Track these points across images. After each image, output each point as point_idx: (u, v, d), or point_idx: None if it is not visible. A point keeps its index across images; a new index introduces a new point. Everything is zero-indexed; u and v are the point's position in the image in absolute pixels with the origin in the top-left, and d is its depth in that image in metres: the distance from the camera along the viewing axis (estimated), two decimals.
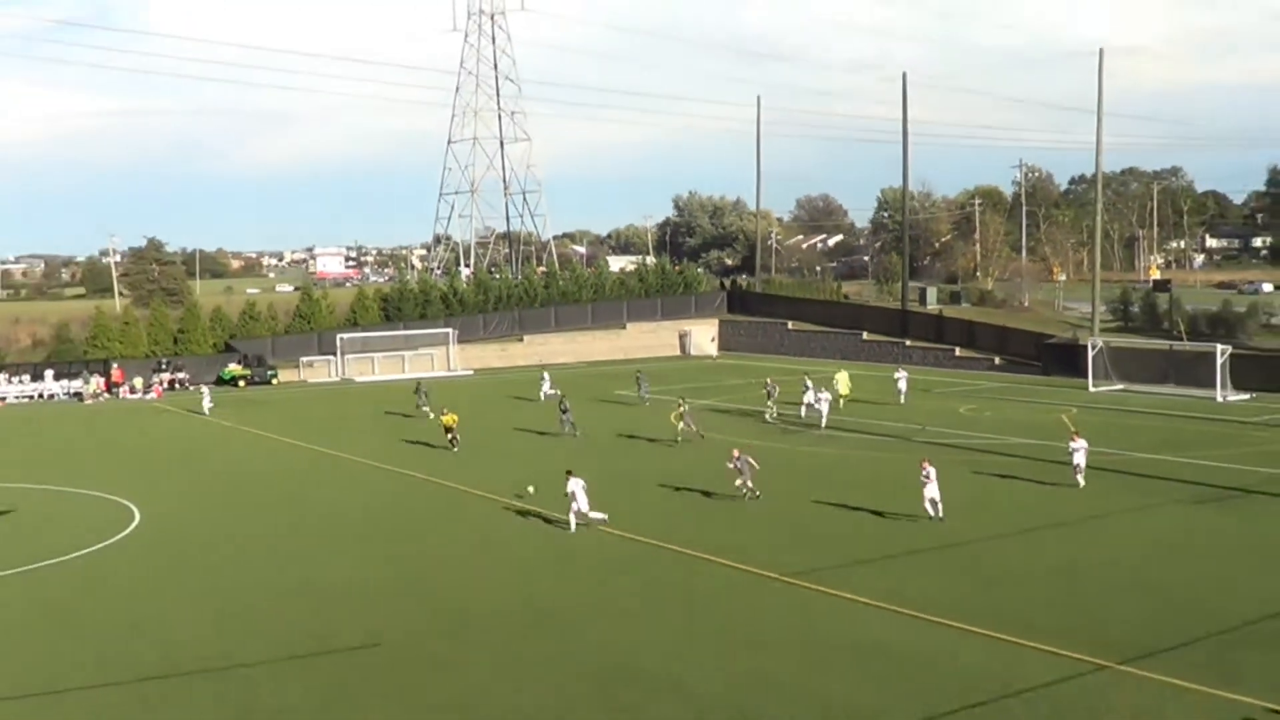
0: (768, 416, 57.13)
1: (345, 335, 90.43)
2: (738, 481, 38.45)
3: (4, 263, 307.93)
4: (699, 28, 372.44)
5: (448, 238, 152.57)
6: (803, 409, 57.19)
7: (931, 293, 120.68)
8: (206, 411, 65.87)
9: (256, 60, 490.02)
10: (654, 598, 28.35)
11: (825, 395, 56.46)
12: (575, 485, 35.16)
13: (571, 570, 31.14)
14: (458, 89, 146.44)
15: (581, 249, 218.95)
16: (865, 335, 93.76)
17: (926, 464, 35.25)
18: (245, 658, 24.42)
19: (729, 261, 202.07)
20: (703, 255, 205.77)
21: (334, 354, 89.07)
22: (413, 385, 68.40)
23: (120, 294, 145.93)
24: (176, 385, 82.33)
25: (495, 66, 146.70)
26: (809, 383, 58.69)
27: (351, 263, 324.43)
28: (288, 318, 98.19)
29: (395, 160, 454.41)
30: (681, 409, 52.02)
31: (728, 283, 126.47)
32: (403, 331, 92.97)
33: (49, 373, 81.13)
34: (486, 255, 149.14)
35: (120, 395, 79.06)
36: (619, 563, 31.82)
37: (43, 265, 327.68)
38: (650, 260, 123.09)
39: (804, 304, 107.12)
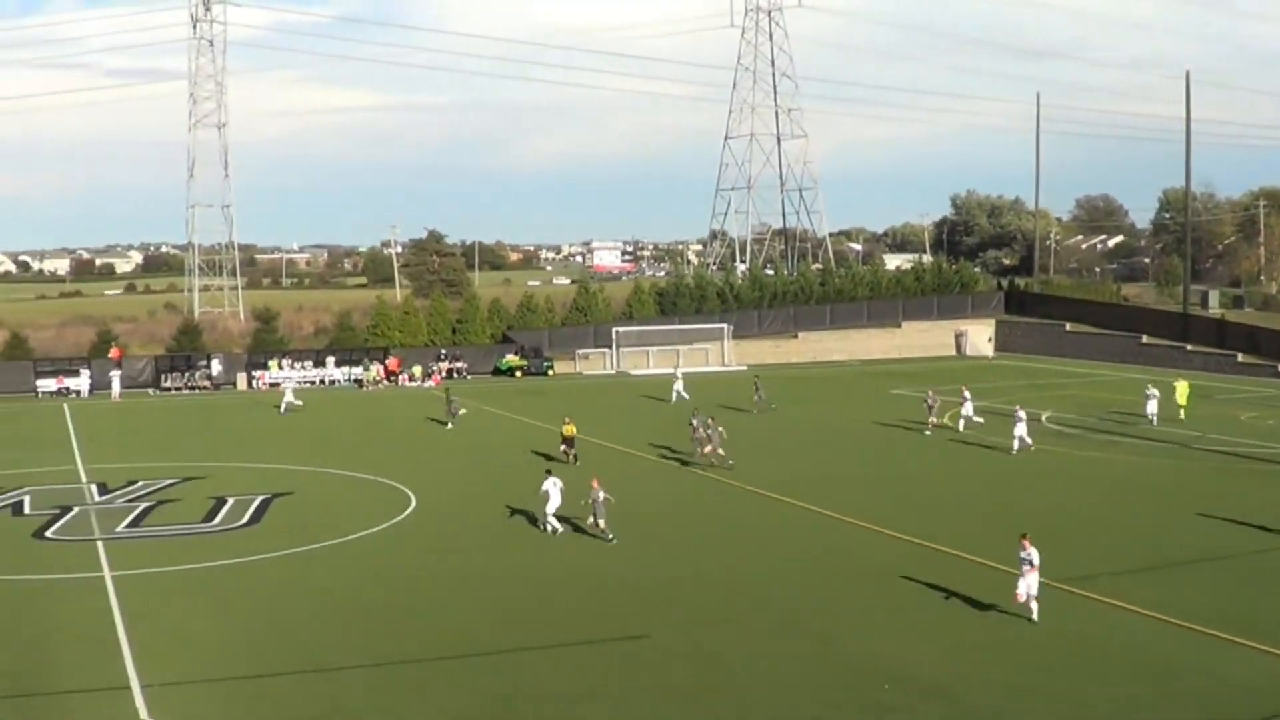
0: (927, 431, 55.09)
1: (620, 328, 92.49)
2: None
3: (289, 252, 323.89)
4: (977, 24, 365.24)
5: (724, 233, 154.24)
6: (1152, 416, 56.44)
7: (1214, 296, 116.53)
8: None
9: (533, 56, 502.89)
10: (915, 601, 28.03)
11: (1155, 395, 56.48)
12: (550, 485, 35.18)
13: (837, 570, 30.94)
14: (735, 85, 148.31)
15: (857, 246, 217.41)
16: (1145, 339, 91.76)
17: None
18: (514, 644, 25.02)
19: (1006, 261, 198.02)
20: (980, 254, 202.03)
21: (609, 347, 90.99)
22: (444, 390, 68.12)
23: (401, 284, 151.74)
24: (455, 374, 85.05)
25: (772, 63, 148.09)
26: (1151, 390, 57.98)
27: (628, 257, 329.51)
28: (564, 310, 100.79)
29: (672, 155, 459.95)
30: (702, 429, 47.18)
31: (1005, 282, 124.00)
32: (677, 326, 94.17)
33: (331, 359, 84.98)
34: (762, 251, 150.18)
35: (400, 383, 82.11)
36: (881, 564, 31.53)
37: (326, 255, 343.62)
38: (927, 258, 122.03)
39: (1082, 305, 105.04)
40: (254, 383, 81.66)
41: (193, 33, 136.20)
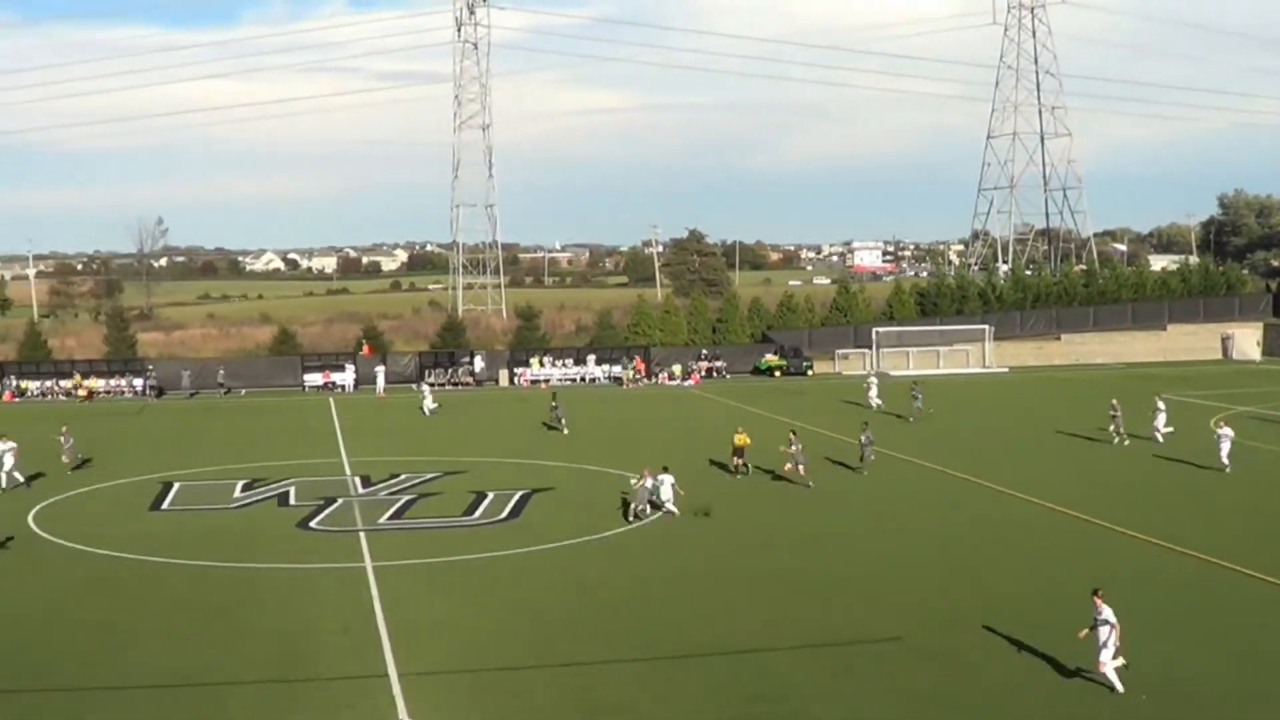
0: (1117, 440, 51.85)
1: (880, 329, 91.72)
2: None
3: (552, 251, 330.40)
4: (1245, 19, 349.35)
5: (986, 233, 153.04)
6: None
7: None
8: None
9: (793, 55, 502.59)
10: (1174, 608, 27.29)
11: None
12: (664, 480, 37.81)
13: (1094, 575, 29.73)
14: (997, 83, 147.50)
15: (1122, 247, 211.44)
16: None
17: None
18: (767, 644, 24.91)
19: (1276, 263, 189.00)
20: (1248, 256, 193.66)
21: (869, 347, 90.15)
22: (550, 394, 66.57)
23: (661, 283, 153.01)
24: (714, 373, 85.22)
25: (1035, 60, 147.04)
26: None
27: (889, 257, 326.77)
28: (824, 310, 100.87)
29: (933, 154, 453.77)
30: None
31: (1274, 285, 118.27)
32: (938, 327, 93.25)
33: (591, 357, 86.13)
34: (1025, 252, 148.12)
35: (658, 381, 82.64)
36: (1136, 570, 30.61)
37: (587, 254, 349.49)
38: (1193, 260, 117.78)
39: None
40: (515, 379, 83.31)
41: (457, 36, 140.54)
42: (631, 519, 36.95)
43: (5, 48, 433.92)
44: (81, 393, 77.98)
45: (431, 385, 76.30)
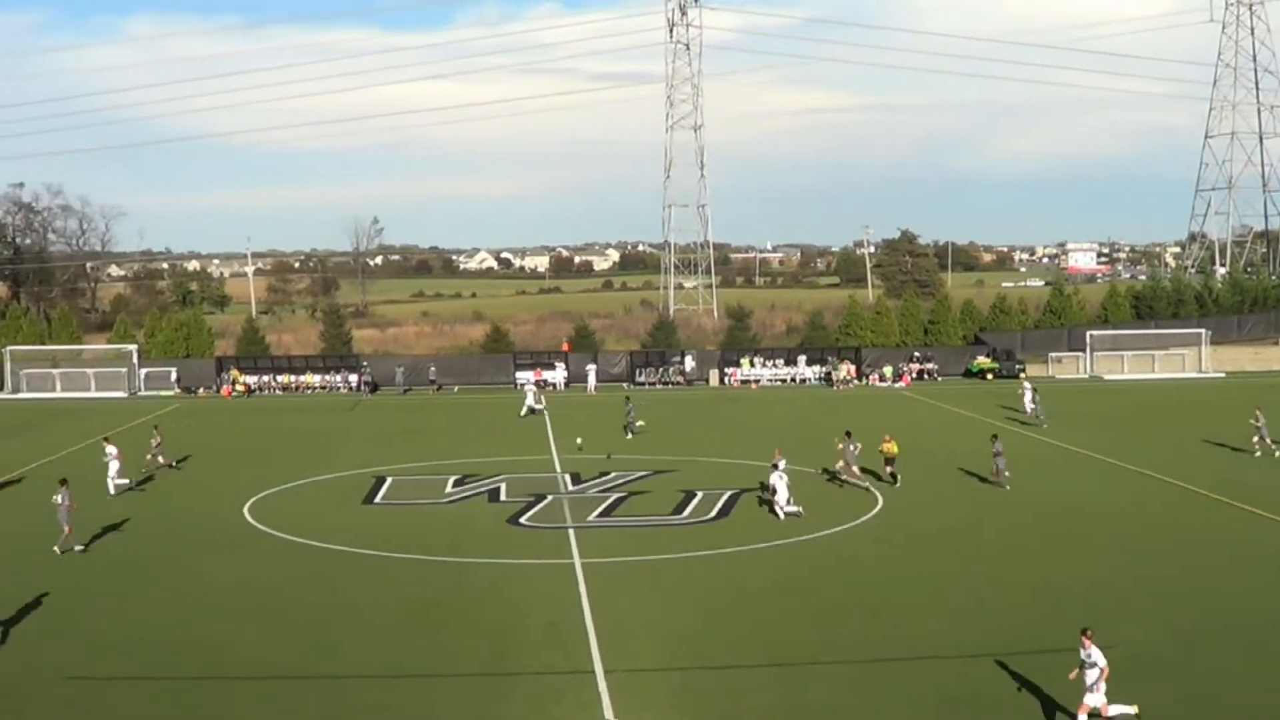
0: (1259, 452, 48.98)
1: (1095, 332, 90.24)
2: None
3: (763, 251, 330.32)
4: None
5: (1203, 235, 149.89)
6: None
7: None
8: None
9: (1005, 54, 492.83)
10: None
11: None
12: (775, 478, 37.98)
13: None
14: (1215, 82, 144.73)
15: None
16: None
17: None
18: (972, 649, 24.75)
19: None
20: None
21: (1083, 350, 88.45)
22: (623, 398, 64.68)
23: (873, 284, 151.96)
24: (925, 375, 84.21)
25: (1254, 58, 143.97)
26: None
27: (1103, 258, 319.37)
28: (1038, 312, 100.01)
29: (1148, 155, 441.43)
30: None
31: None
32: (1153, 330, 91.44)
33: (802, 358, 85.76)
34: (1243, 254, 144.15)
35: (869, 382, 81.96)
36: None
37: (799, 254, 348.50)
38: None
39: None
40: (725, 379, 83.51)
41: (669, 37, 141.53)
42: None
43: (229, 49, 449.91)
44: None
45: (538, 385, 77.32)
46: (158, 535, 36.70)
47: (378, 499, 42.22)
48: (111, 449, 43.71)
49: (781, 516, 37.37)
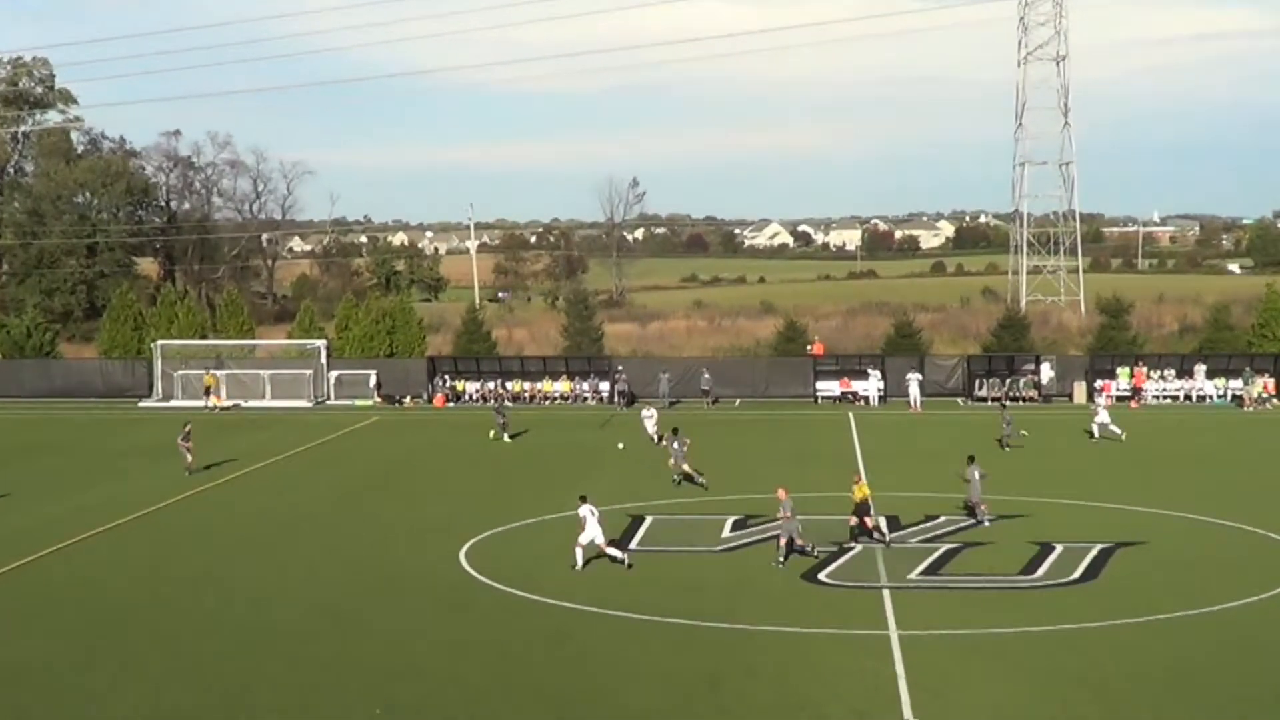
0: None
1: None
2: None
3: (1147, 224, 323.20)
4: None
5: None
6: None
7: None
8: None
9: None
10: None
11: None
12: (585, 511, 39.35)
13: None
14: None
15: None
16: None
17: None
18: None
19: None
20: None
21: None
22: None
23: None
24: None
25: None
26: None
27: None
28: None
29: None
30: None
31: None
32: None
33: (1200, 368, 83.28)
34: None
35: None
36: None
37: (1197, 229, 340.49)
38: None
39: None
40: (1095, 395, 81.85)
41: None
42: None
43: None
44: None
45: (666, 402, 77.53)
46: (353, 583, 37.87)
47: (634, 543, 42.68)
48: None
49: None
